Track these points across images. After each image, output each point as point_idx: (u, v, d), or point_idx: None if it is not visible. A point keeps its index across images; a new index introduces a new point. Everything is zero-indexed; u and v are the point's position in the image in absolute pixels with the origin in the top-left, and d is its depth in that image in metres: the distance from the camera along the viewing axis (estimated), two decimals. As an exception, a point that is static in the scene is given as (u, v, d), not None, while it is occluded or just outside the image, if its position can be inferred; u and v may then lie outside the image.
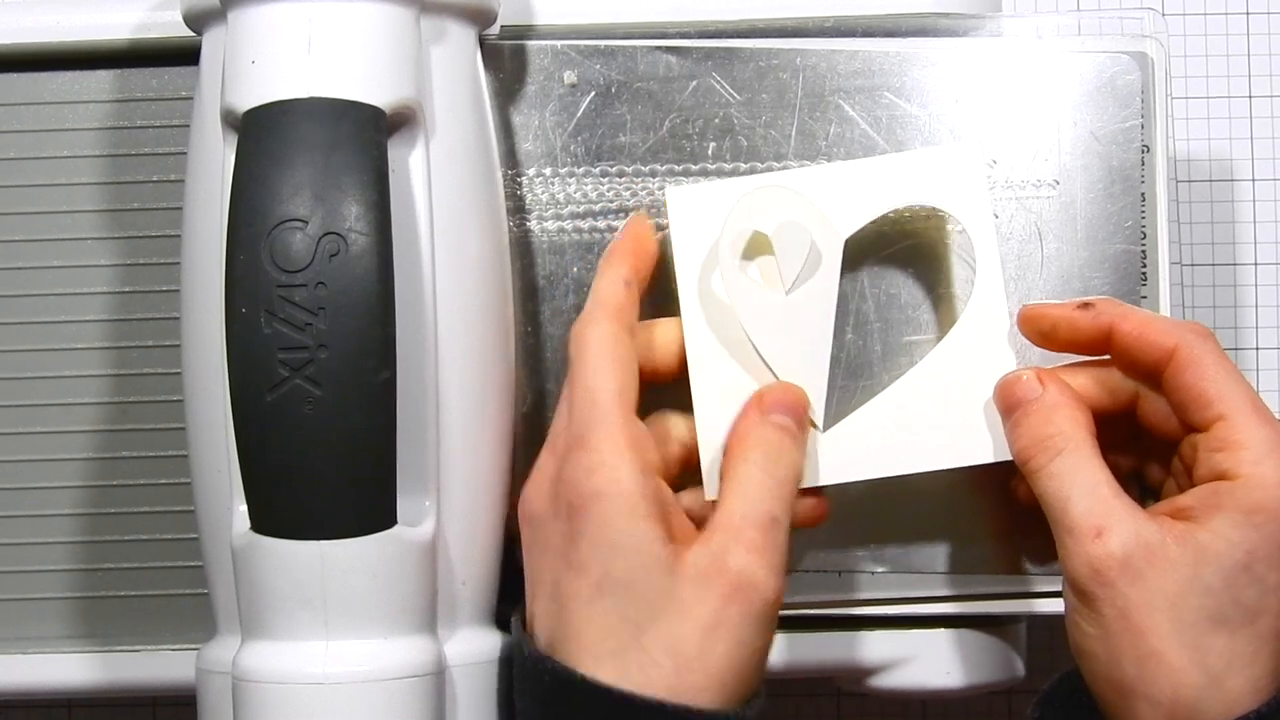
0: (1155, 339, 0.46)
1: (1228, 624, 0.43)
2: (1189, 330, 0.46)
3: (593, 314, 0.47)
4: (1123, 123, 0.51)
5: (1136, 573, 0.43)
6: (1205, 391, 0.45)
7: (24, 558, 0.53)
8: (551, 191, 0.52)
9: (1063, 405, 0.46)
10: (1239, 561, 0.43)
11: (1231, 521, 0.43)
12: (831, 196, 0.49)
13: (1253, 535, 0.43)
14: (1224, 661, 0.43)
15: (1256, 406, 0.45)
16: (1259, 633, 0.43)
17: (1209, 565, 0.43)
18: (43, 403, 0.53)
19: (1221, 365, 0.45)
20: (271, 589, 0.44)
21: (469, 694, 0.46)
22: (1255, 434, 0.44)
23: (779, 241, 0.48)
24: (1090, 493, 0.45)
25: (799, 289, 0.49)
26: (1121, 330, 0.47)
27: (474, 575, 0.48)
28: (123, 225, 0.53)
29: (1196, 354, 0.45)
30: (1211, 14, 0.67)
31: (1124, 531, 0.44)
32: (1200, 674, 0.43)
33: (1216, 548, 0.43)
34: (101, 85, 0.53)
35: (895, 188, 0.49)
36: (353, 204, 0.43)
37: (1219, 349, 0.46)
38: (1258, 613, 0.43)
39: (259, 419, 0.43)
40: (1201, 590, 0.43)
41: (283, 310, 0.43)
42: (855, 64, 0.51)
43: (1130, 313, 0.47)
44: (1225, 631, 0.43)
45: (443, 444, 0.46)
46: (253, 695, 0.44)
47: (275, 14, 0.45)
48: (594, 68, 0.51)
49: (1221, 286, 0.66)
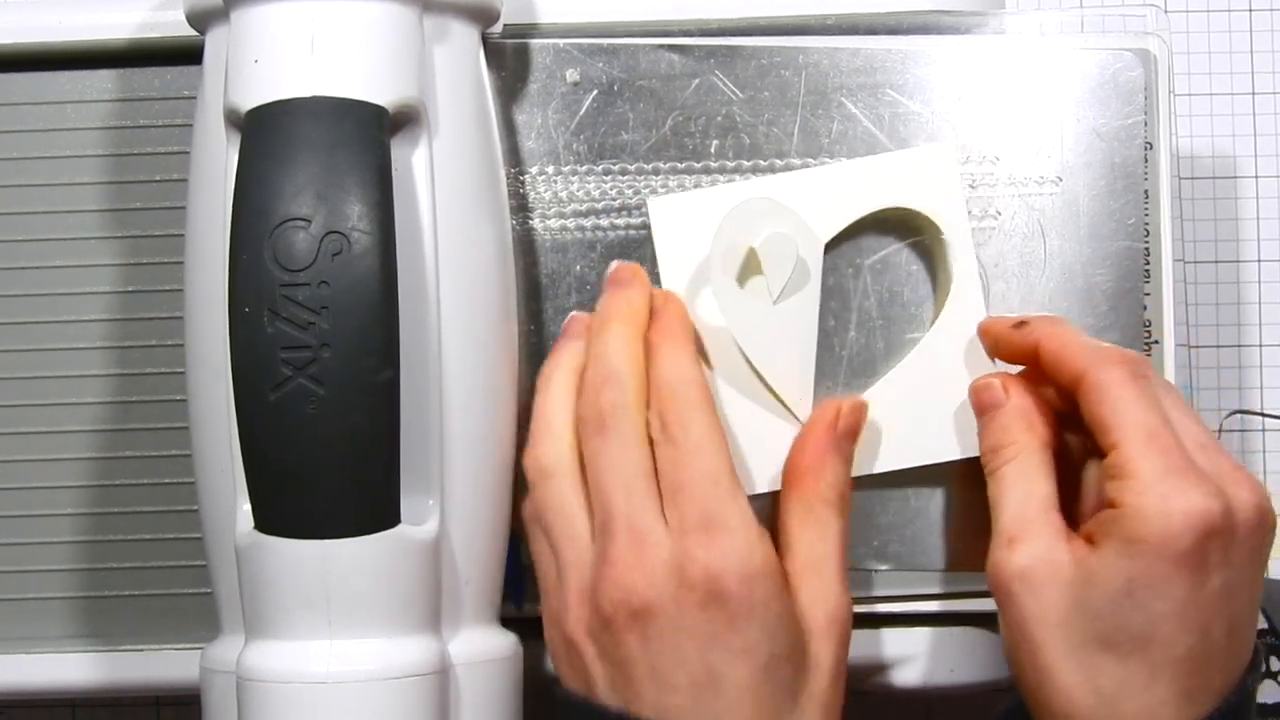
0: (1067, 362, 0.46)
1: (1117, 649, 0.44)
2: (1104, 356, 0.46)
3: (687, 398, 0.46)
4: (1125, 119, 0.51)
5: (1034, 587, 0.45)
6: (1104, 418, 0.45)
7: (27, 557, 0.53)
8: (554, 190, 0.52)
9: (1021, 414, 0.47)
10: (1121, 588, 0.44)
11: (1115, 550, 0.44)
12: (810, 202, 0.50)
13: (1132, 564, 0.44)
14: (1116, 685, 0.44)
15: (1153, 435, 0.44)
16: (1152, 661, 0.43)
17: (1095, 589, 0.44)
18: (46, 402, 0.53)
19: (1126, 392, 0.45)
20: (275, 588, 0.44)
21: (473, 693, 0.46)
22: (1143, 464, 0.44)
23: (766, 253, 0.49)
24: (1020, 502, 0.46)
25: (787, 299, 0.49)
26: (1042, 351, 0.47)
27: (478, 574, 0.48)
28: (125, 225, 0.53)
29: (1101, 380, 0.45)
30: (1214, 11, 0.67)
31: (1033, 546, 0.45)
32: (1092, 696, 0.44)
33: (1102, 573, 0.44)
34: (104, 85, 0.53)
35: (871, 190, 0.50)
36: (356, 203, 0.43)
37: (1134, 375, 0.45)
38: (1147, 640, 0.43)
39: (262, 418, 0.43)
40: (1090, 613, 0.44)
41: (285, 309, 0.43)
42: (858, 61, 0.51)
43: (1055, 334, 0.47)
44: (1115, 656, 0.44)
45: (446, 443, 0.46)
46: (256, 694, 0.44)
47: (278, 13, 0.45)
48: (596, 66, 0.51)
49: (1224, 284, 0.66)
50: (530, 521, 0.47)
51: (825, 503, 0.47)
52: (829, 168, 0.51)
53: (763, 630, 0.44)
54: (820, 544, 0.46)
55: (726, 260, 0.49)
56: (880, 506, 0.51)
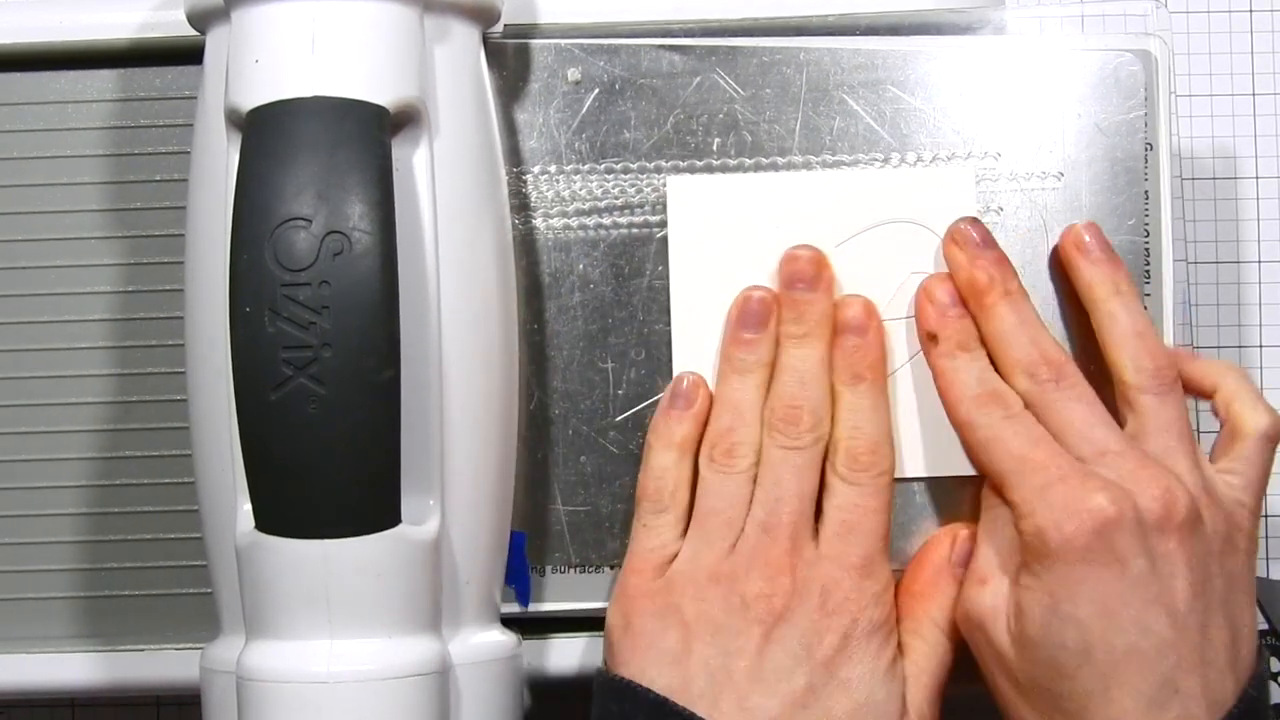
0: (951, 412, 0.49)
1: (1064, 668, 0.45)
2: (979, 401, 0.48)
3: (864, 509, 0.48)
4: (1126, 114, 0.51)
5: (986, 628, 0.46)
6: (983, 467, 0.48)
7: (27, 557, 0.53)
8: (556, 189, 0.52)
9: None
10: (1047, 608, 0.45)
11: (1031, 576, 0.45)
12: (826, 203, 0.51)
13: (1048, 581, 0.45)
14: (1077, 705, 0.44)
15: (1022, 461, 0.46)
16: (1099, 668, 0.44)
17: (1026, 619, 0.45)
18: (46, 402, 0.53)
19: (997, 433, 0.47)
20: (275, 588, 0.44)
21: (473, 693, 0.46)
22: (1021, 491, 0.46)
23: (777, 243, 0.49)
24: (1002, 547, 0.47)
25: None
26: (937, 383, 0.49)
27: (478, 574, 0.48)
28: (126, 225, 0.53)
29: (977, 438, 0.48)
30: (1214, 11, 0.67)
31: (996, 586, 0.46)
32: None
33: (1027, 603, 0.45)
34: (105, 84, 0.53)
35: (887, 203, 0.51)
36: (356, 203, 0.43)
37: (1006, 415, 0.47)
38: (1086, 649, 0.44)
39: (263, 418, 0.43)
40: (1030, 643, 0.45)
41: (286, 309, 0.43)
42: (859, 58, 0.51)
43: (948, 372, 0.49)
44: (1065, 676, 0.44)
45: (447, 442, 0.46)
46: (257, 694, 0.44)
47: (279, 13, 0.45)
48: (597, 65, 0.51)
49: (1225, 284, 0.66)
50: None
51: (935, 625, 0.48)
52: (849, 172, 0.51)
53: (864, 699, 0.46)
54: (924, 661, 0.48)
55: (735, 245, 0.50)
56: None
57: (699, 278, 0.50)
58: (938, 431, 0.50)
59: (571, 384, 0.51)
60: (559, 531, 0.51)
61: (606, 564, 0.51)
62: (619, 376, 0.51)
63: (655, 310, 0.51)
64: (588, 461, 0.51)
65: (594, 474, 0.51)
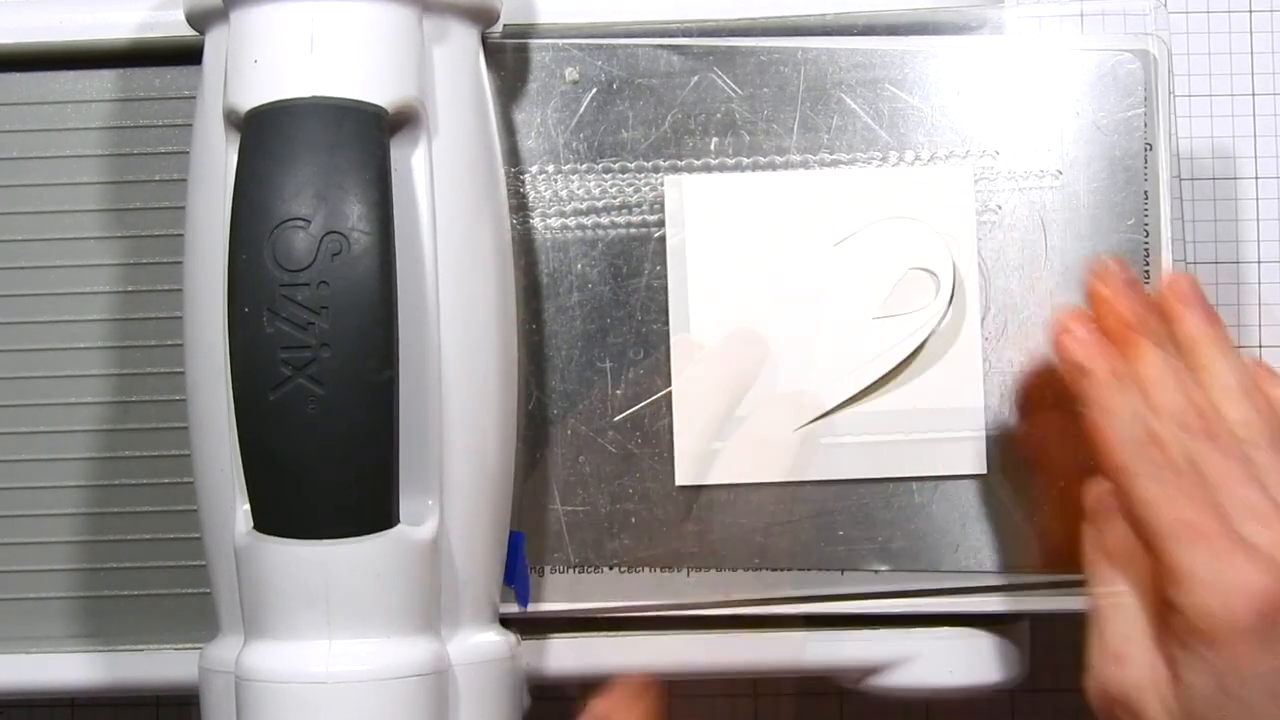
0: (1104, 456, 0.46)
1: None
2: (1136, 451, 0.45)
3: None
4: (1125, 113, 0.51)
5: (1144, 706, 0.45)
6: (1139, 522, 0.45)
7: (26, 557, 0.53)
8: (554, 189, 0.52)
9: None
10: (1215, 688, 0.43)
11: (1197, 655, 0.43)
12: (824, 203, 0.51)
13: (1216, 662, 0.43)
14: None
15: (1188, 526, 0.44)
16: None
17: (1194, 698, 0.44)
18: (45, 402, 0.53)
19: (1156, 488, 0.44)
20: (274, 588, 0.44)
21: (472, 693, 0.46)
22: (1186, 561, 0.44)
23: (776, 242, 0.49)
24: (1129, 621, 0.46)
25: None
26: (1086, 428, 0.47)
27: (477, 575, 0.48)
28: (125, 225, 0.53)
29: (1133, 488, 0.45)
30: (1214, 12, 0.67)
31: (1140, 663, 0.45)
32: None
33: (1194, 681, 0.44)
34: (103, 85, 0.53)
35: (886, 202, 0.51)
36: (355, 203, 0.43)
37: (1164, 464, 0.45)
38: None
39: (261, 418, 0.43)
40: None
41: (285, 309, 0.43)
42: (857, 57, 0.51)
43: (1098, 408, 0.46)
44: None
45: (445, 443, 0.46)
46: (255, 695, 0.44)
47: (278, 14, 0.45)
48: (596, 64, 0.51)
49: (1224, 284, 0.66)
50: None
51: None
52: (848, 171, 0.51)
53: None
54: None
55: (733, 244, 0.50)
56: (882, 505, 0.51)
57: (697, 277, 0.51)
58: (938, 431, 0.50)
59: (570, 384, 0.51)
60: (558, 531, 0.51)
61: (605, 564, 0.51)
62: (617, 376, 0.51)
63: (654, 310, 0.51)
64: (586, 461, 0.51)
65: (593, 474, 0.51)
